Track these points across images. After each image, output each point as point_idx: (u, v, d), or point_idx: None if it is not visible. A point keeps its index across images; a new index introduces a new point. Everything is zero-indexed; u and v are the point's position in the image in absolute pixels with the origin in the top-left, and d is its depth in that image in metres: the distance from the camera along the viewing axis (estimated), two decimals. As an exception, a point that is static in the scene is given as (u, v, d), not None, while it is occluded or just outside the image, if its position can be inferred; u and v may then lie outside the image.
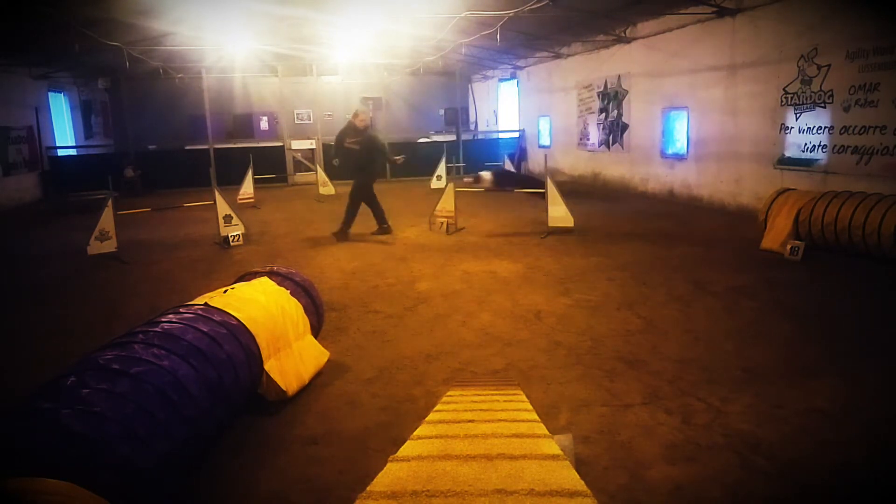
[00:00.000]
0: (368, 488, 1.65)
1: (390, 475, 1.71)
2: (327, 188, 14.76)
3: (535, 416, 2.36)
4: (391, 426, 3.63)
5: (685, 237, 9.05)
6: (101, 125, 21.81)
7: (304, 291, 4.51)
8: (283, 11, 11.68)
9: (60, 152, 18.33)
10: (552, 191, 9.29)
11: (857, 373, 4.21)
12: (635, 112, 14.20)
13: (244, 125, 22.28)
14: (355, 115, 9.54)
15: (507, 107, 22.32)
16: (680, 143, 12.74)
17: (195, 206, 10.01)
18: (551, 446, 1.92)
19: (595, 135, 16.08)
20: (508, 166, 16.34)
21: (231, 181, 13.16)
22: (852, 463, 3.15)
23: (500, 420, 2.35)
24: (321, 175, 15.00)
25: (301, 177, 18.41)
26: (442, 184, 13.59)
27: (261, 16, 12.14)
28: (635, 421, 3.60)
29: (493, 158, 19.36)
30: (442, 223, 10.00)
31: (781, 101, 9.93)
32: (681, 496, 2.89)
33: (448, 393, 3.07)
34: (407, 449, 1.91)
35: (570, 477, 1.66)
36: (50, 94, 18.16)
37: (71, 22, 10.82)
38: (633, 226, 10.11)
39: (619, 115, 14.83)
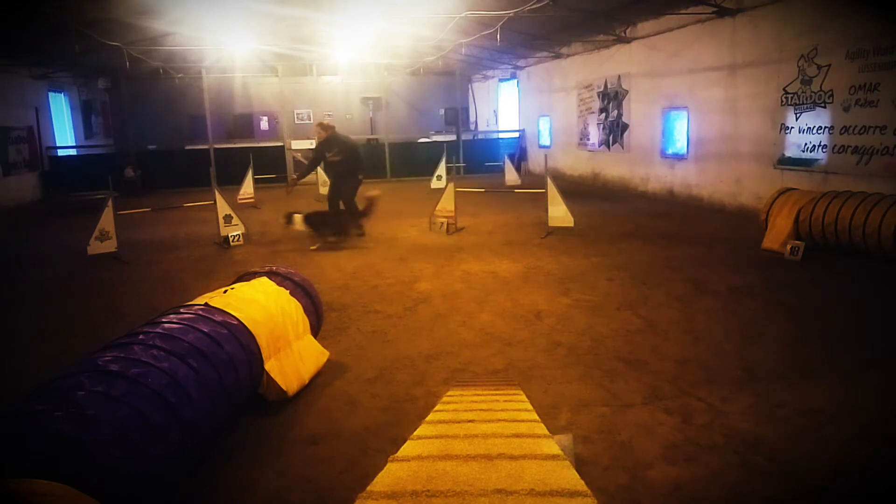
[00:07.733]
0: (368, 488, 1.65)
1: (390, 475, 1.72)
2: (327, 188, 14.72)
3: (535, 416, 2.36)
4: (391, 426, 3.63)
5: (685, 237, 9.04)
6: (101, 125, 21.81)
7: (303, 291, 4.51)
8: (283, 11, 11.69)
9: (60, 152, 18.31)
10: (552, 191, 9.29)
11: (857, 372, 4.21)
12: (635, 112, 14.19)
13: (244, 125, 22.28)
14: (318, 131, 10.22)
15: (507, 107, 22.32)
16: (680, 143, 12.74)
17: (195, 206, 9.99)
18: (551, 446, 1.93)
19: (595, 135, 16.08)
20: (509, 167, 16.32)
21: (231, 181, 13.14)
22: (852, 463, 3.14)
23: (500, 420, 2.35)
24: (321, 175, 14.98)
25: (301, 177, 18.39)
26: (442, 184, 13.57)
27: (261, 16, 12.13)
28: (635, 421, 3.60)
29: (493, 158, 19.36)
30: (442, 223, 10.00)
31: (781, 101, 9.93)
32: (681, 496, 2.89)
33: (448, 393, 3.08)
34: (407, 449, 1.92)
35: (570, 477, 1.66)
36: (50, 94, 18.14)
37: (71, 22, 10.82)
38: (633, 226, 10.10)
39: (619, 115, 14.83)
